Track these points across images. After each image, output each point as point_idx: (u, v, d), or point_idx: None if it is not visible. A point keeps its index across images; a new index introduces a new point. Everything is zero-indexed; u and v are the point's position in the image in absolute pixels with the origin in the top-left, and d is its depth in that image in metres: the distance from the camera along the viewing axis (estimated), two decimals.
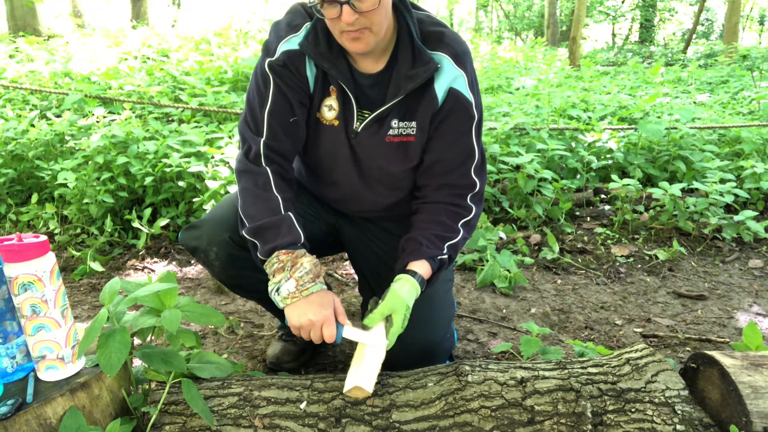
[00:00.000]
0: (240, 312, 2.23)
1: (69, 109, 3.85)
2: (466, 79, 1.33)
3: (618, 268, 2.66)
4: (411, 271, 1.31)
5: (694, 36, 17.75)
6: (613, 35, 26.43)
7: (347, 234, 1.67)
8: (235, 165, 1.40)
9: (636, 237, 2.97)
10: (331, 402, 1.20)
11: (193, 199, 2.89)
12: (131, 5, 12.87)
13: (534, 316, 2.22)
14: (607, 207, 3.31)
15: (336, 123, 1.39)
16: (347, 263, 2.71)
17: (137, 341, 1.26)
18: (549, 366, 1.29)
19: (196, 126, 3.72)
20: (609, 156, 3.69)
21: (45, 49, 6.26)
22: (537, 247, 2.86)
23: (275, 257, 1.26)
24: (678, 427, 1.14)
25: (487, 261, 2.51)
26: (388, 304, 1.25)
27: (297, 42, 1.32)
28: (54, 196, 3.09)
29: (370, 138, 1.39)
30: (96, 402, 1.15)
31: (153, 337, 1.26)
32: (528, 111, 4.42)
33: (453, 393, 1.21)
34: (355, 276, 2.50)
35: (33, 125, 3.57)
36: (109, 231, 2.79)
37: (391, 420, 1.17)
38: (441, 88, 1.32)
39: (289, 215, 1.32)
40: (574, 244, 2.88)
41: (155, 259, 2.75)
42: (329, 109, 1.39)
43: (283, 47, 1.32)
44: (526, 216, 3.10)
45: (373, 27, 1.21)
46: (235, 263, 1.46)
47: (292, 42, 1.32)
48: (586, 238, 2.97)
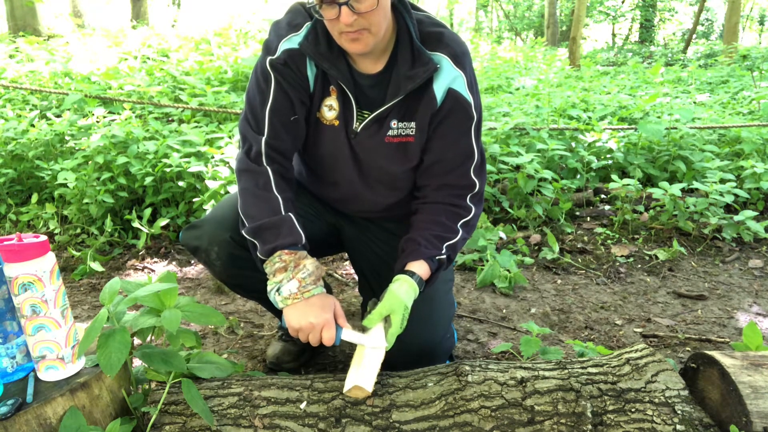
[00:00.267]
0: (240, 312, 2.23)
1: (69, 109, 3.85)
2: (465, 80, 1.33)
3: (618, 268, 2.66)
4: (409, 272, 1.31)
5: (694, 36, 17.75)
6: (613, 35, 26.43)
7: (347, 234, 1.67)
8: (236, 164, 1.39)
9: (636, 237, 2.97)
10: (331, 402, 1.20)
11: (193, 199, 2.89)
12: (131, 5, 12.87)
13: (534, 316, 2.22)
14: (607, 207, 3.31)
15: (336, 123, 1.39)
16: (347, 263, 2.71)
17: (137, 341, 1.26)
18: (549, 366, 1.29)
19: (196, 126, 3.72)
20: (609, 156, 3.69)
21: (45, 49, 6.26)
22: (537, 247, 2.86)
23: (277, 257, 1.25)
24: (678, 427, 1.14)
25: (487, 261, 2.51)
26: (386, 304, 1.25)
27: (297, 41, 1.32)
28: (54, 196, 3.09)
29: (369, 138, 1.39)
30: (96, 402, 1.15)
31: (153, 337, 1.26)
32: (528, 111, 4.42)
33: (453, 393, 1.21)
34: (355, 276, 2.50)
35: (33, 125, 3.57)
36: (109, 231, 2.79)
37: (391, 420, 1.17)
38: (440, 88, 1.32)
39: (290, 216, 1.31)
40: (574, 244, 2.88)
41: (155, 259, 2.75)
42: (329, 109, 1.39)
43: (284, 46, 1.32)
44: (526, 216, 3.10)
45: (372, 28, 1.21)
46: (236, 263, 1.46)
47: (292, 41, 1.32)
48: (586, 238, 2.97)
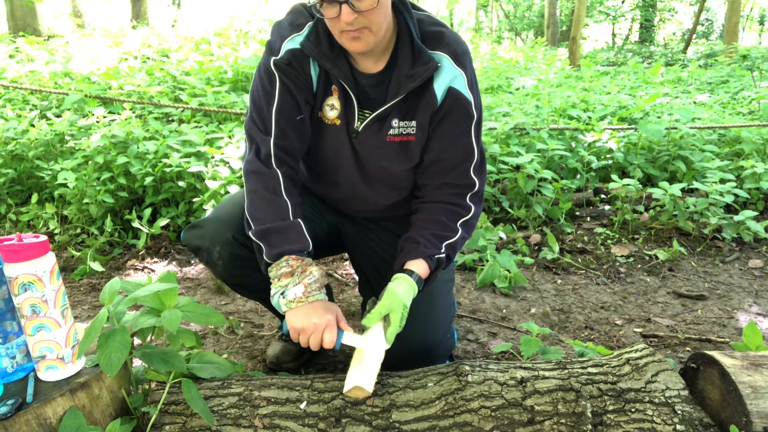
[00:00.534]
0: (240, 312, 2.23)
1: (69, 109, 3.85)
2: (465, 79, 1.34)
3: (618, 268, 2.65)
4: (408, 271, 1.31)
5: (694, 36, 17.75)
6: (613, 35, 26.43)
7: (348, 233, 1.67)
8: (245, 165, 1.38)
9: (636, 237, 2.97)
10: (331, 402, 1.20)
11: (193, 199, 2.89)
12: (131, 5, 12.87)
13: (534, 316, 2.22)
14: (607, 207, 3.31)
15: (338, 122, 1.39)
16: (347, 263, 2.71)
17: (137, 341, 1.26)
18: (549, 366, 1.29)
19: (196, 126, 3.72)
20: (609, 156, 3.69)
21: (45, 49, 6.26)
22: (537, 247, 2.86)
23: (284, 261, 1.26)
24: (678, 427, 1.14)
25: (487, 261, 2.51)
26: (385, 303, 1.25)
27: (299, 41, 1.32)
28: (54, 196, 3.09)
29: (371, 137, 1.39)
30: (96, 402, 1.15)
31: (153, 337, 1.26)
32: (528, 111, 4.42)
33: (453, 393, 1.21)
34: (356, 276, 2.50)
35: (33, 125, 3.57)
36: (109, 231, 2.79)
37: (391, 420, 1.17)
38: (440, 87, 1.32)
39: (299, 222, 1.32)
40: (574, 244, 2.88)
41: (155, 259, 2.75)
42: (331, 109, 1.39)
43: (287, 46, 1.32)
44: (526, 216, 3.09)
45: (372, 26, 1.21)
46: (239, 263, 1.46)
47: (295, 41, 1.32)
48: (586, 238, 2.97)
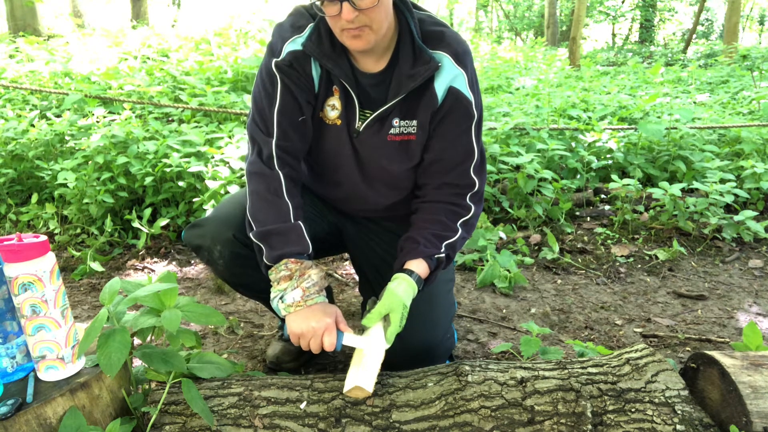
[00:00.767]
0: (240, 312, 2.23)
1: (69, 109, 3.85)
2: (466, 78, 1.34)
3: (618, 268, 2.65)
4: (408, 270, 1.31)
5: (694, 36, 17.75)
6: (613, 35, 26.43)
7: (349, 233, 1.67)
8: (247, 167, 1.38)
9: (636, 237, 2.97)
10: (331, 402, 1.20)
11: (193, 199, 2.89)
12: (131, 5, 12.88)
13: (534, 316, 2.22)
14: (607, 207, 3.31)
15: (338, 122, 1.39)
16: (347, 263, 2.71)
17: (137, 341, 1.26)
18: (549, 366, 1.29)
19: (196, 126, 3.72)
20: (609, 156, 3.69)
21: (45, 49, 6.26)
22: (537, 247, 2.86)
23: (283, 264, 1.26)
24: (678, 427, 1.14)
25: (487, 261, 2.51)
26: (385, 303, 1.25)
27: (301, 42, 1.32)
28: (54, 196, 3.09)
29: (372, 137, 1.39)
30: (96, 402, 1.15)
31: (153, 337, 1.26)
32: (528, 111, 4.42)
33: (453, 393, 1.21)
34: (356, 276, 2.50)
35: (33, 125, 3.57)
36: (109, 231, 2.79)
37: (391, 420, 1.17)
38: (441, 86, 1.32)
39: (299, 224, 1.32)
40: (574, 244, 2.88)
41: (155, 259, 2.75)
42: (332, 109, 1.39)
43: (289, 48, 1.32)
44: (526, 216, 3.09)
45: (373, 24, 1.21)
46: (239, 261, 1.46)
47: (296, 42, 1.32)
48: (586, 238, 2.97)
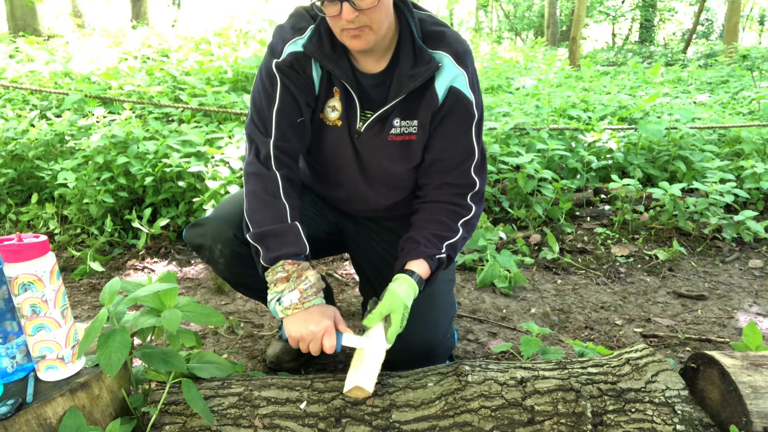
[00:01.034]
0: (240, 312, 2.23)
1: (69, 109, 3.85)
2: (466, 78, 1.33)
3: (618, 268, 2.65)
4: (409, 271, 1.31)
5: (694, 36, 17.75)
6: (613, 35, 26.43)
7: (350, 233, 1.67)
8: (245, 167, 1.38)
9: (636, 237, 2.97)
10: (331, 402, 1.20)
11: (193, 199, 2.89)
12: (131, 5, 12.88)
13: (534, 316, 2.22)
14: (607, 207, 3.31)
15: (339, 123, 1.39)
16: (347, 263, 2.71)
17: (137, 341, 1.26)
18: (549, 366, 1.29)
19: (196, 126, 3.72)
20: (609, 156, 3.69)
21: (45, 49, 6.26)
22: (537, 247, 2.86)
23: (280, 266, 1.25)
24: (678, 427, 1.14)
25: (487, 261, 2.51)
26: (386, 304, 1.25)
27: (301, 44, 1.32)
28: (54, 196, 3.09)
29: (372, 138, 1.39)
30: (96, 402, 1.15)
31: (153, 337, 1.26)
32: (528, 111, 4.42)
33: (453, 393, 1.21)
34: (356, 276, 2.50)
35: (33, 125, 3.57)
36: (109, 231, 2.79)
37: (391, 420, 1.17)
38: (441, 86, 1.32)
39: (296, 225, 1.31)
40: (574, 244, 2.88)
41: (155, 259, 2.75)
42: (332, 110, 1.39)
43: (289, 49, 1.32)
44: (526, 216, 3.09)
45: (373, 25, 1.21)
46: (240, 261, 1.45)
47: (297, 44, 1.32)
48: (586, 238, 2.97)
